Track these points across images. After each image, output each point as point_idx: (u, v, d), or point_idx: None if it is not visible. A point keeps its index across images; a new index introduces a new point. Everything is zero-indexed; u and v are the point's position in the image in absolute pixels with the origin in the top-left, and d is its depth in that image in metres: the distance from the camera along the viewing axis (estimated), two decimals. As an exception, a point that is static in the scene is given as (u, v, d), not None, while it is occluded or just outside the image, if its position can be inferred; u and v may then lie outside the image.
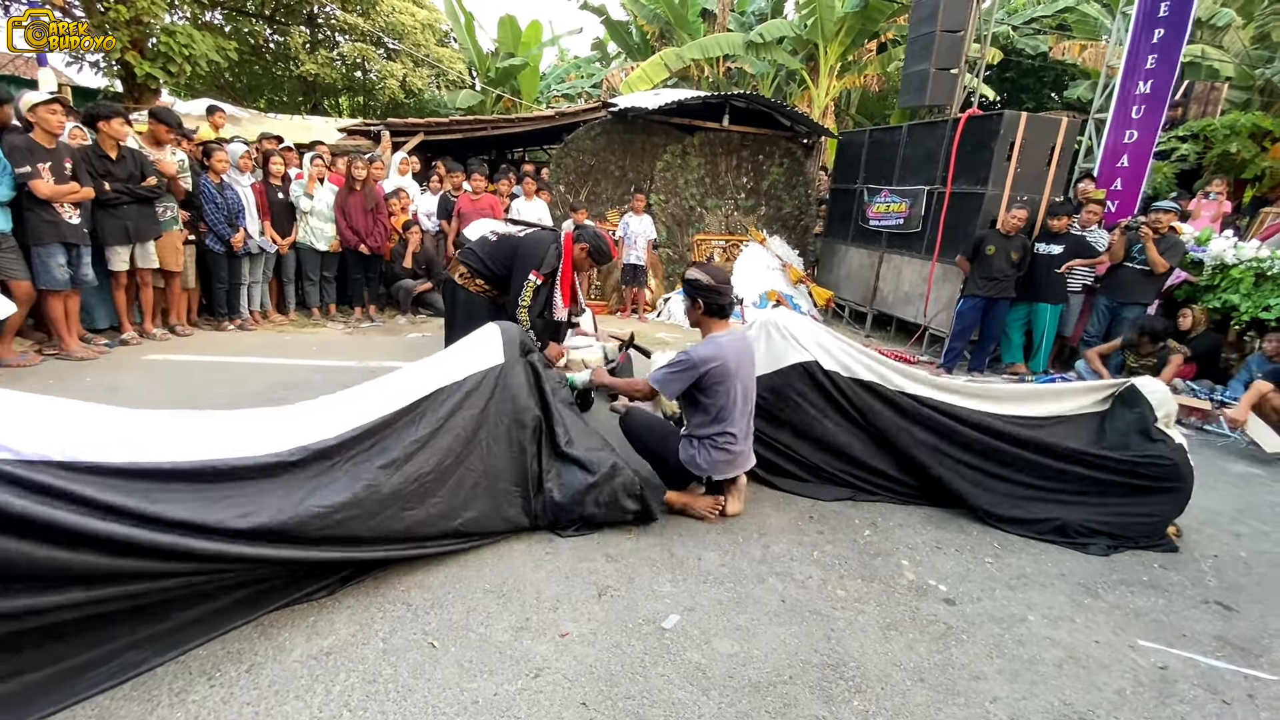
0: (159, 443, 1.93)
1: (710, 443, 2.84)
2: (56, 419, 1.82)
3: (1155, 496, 3.01)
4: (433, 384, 2.59)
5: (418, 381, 2.59)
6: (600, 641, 2.11)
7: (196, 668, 1.87)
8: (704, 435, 2.85)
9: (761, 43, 12.17)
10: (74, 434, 1.79)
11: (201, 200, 5.26)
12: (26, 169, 4.12)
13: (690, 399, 2.88)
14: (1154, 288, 5.74)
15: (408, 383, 2.59)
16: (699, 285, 2.84)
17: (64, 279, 4.40)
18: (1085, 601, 2.56)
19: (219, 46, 10.89)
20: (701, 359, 2.75)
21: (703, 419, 2.86)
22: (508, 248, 3.50)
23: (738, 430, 2.84)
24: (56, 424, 1.80)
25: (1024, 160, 6.09)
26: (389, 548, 2.29)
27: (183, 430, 2.05)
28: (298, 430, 2.22)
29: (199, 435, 2.05)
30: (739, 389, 2.82)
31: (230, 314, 5.83)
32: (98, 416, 1.96)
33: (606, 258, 3.58)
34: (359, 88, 16.01)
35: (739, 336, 2.90)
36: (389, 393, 2.52)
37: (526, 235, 3.52)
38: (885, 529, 3.03)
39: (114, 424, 1.95)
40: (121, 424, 1.96)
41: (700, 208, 8.64)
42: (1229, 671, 2.21)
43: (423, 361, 2.81)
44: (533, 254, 3.39)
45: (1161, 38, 6.92)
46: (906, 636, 2.26)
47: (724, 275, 2.89)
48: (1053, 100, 15.63)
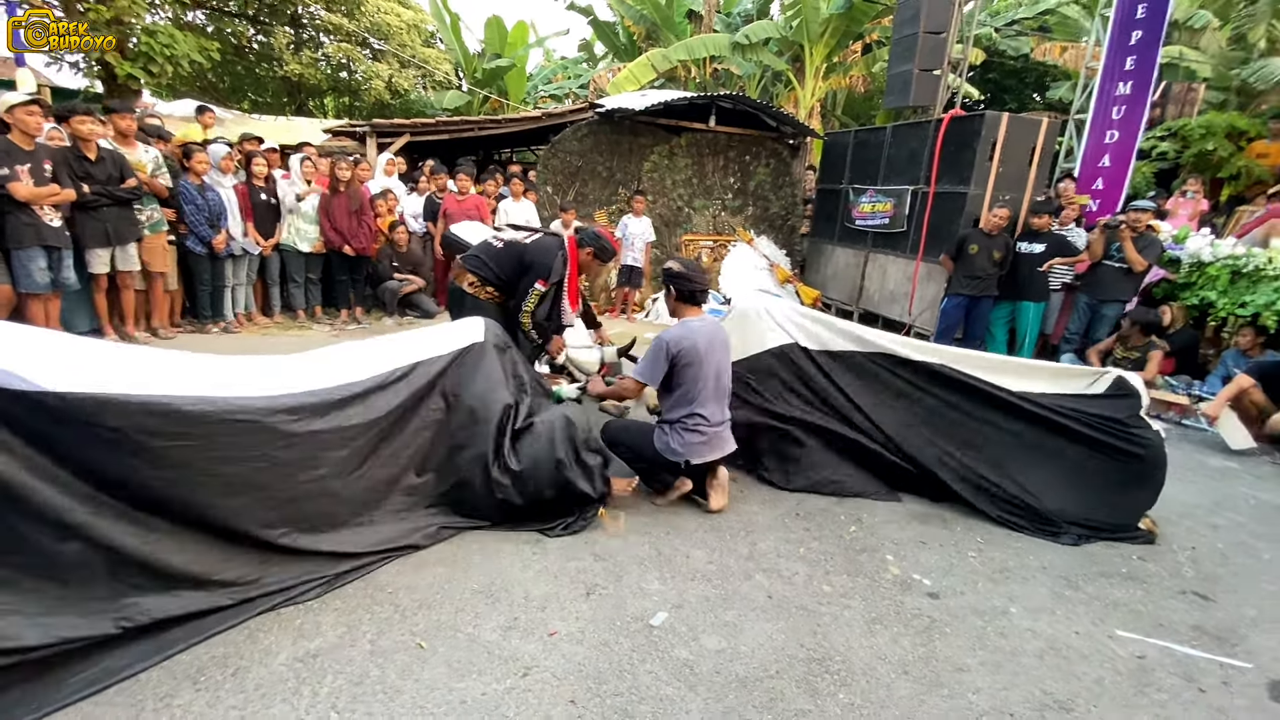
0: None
1: (681, 425, 2.90)
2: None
3: (1130, 482, 3.06)
4: (412, 357, 2.65)
5: (398, 351, 2.65)
6: (588, 640, 2.12)
7: (181, 672, 1.86)
8: (675, 419, 2.92)
9: (747, 44, 12.22)
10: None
11: (181, 202, 5.20)
12: (4, 171, 4.07)
13: (664, 384, 2.97)
14: (1133, 285, 5.83)
15: (389, 351, 2.65)
16: (672, 273, 3.01)
17: (45, 282, 4.35)
18: (1065, 593, 2.61)
19: (201, 47, 10.75)
20: (672, 339, 2.87)
21: (673, 401, 2.94)
22: (514, 254, 3.52)
23: (708, 412, 2.92)
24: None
25: (1006, 160, 6.17)
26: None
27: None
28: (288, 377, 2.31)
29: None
30: (710, 371, 2.91)
31: (214, 316, 5.77)
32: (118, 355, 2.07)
33: (611, 254, 3.64)
34: (344, 88, 15.88)
35: (710, 322, 3.03)
36: (368, 357, 2.58)
37: (532, 243, 3.53)
38: (870, 525, 3.06)
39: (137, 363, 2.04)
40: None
41: (688, 208, 8.67)
42: (1205, 660, 2.25)
43: (402, 334, 2.87)
44: (541, 263, 3.44)
45: (1139, 39, 7.03)
46: (891, 630, 2.29)
47: (697, 266, 3.07)
48: (1035, 101, 15.81)
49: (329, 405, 2.30)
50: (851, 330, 3.48)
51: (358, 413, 2.38)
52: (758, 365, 3.41)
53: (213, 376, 2.11)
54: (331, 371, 2.40)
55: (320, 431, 2.25)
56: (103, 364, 1.92)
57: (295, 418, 2.18)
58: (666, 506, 3.07)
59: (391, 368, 2.55)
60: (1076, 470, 3.13)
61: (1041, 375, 3.34)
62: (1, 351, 1.76)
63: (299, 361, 2.44)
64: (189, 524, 2.02)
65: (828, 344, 3.43)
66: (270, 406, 2.13)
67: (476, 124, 8.31)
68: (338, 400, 2.33)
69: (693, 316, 3.01)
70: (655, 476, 3.08)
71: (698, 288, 3.00)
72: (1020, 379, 3.30)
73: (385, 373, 2.52)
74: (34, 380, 1.76)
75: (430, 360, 2.68)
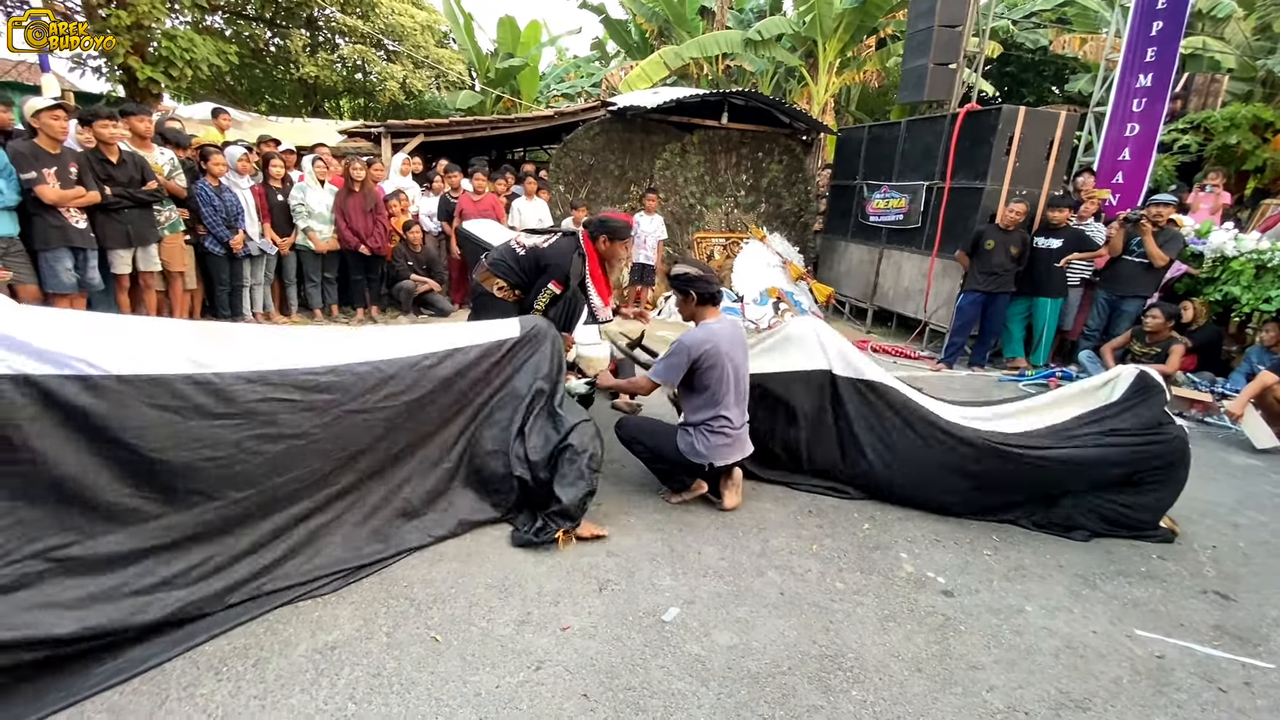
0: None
1: (707, 428, 2.89)
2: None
3: (1154, 481, 3.00)
4: (452, 342, 2.73)
5: (440, 337, 2.75)
6: (601, 634, 2.14)
7: (204, 663, 1.91)
8: (699, 421, 2.90)
9: (760, 40, 12.15)
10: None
11: (198, 203, 5.29)
12: (32, 174, 4.16)
13: (686, 385, 2.95)
14: (1153, 281, 5.74)
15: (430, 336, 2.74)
16: (689, 278, 2.96)
17: (71, 283, 4.45)
18: (1083, 592, 2.58)
19: (220, 50, 10.92)
20: (695, 343, 2.84)
21: (697, 404, 2.92)
22: (534, 259, 3.56)
23: (732, 414, 2.91)
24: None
25: (1023, 155, 6.09)
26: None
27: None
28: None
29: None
30: (730, 371, 2.89)
31: (233, 315, 5.86)
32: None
33: (625, 231, 3.59)
34: (359, 90, 16.02)
35: (729, 323, 3.01)
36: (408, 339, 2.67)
37: (548, 246, 3.56)
38: (884, 523, 3.05)
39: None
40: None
41: (700, 205, 8.65)
42: (1226, 660, 2.22)
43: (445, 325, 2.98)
44: (557, 265, 3.47)
45: (1160, 30, 6.90)
46: (904, 628, 2.28)
47: (707, 266, 3.06)
48: (1053, 94, 15.58)
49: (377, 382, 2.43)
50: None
51: (400, 389, 2.49)
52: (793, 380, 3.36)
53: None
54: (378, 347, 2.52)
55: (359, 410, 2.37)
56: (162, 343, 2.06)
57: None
58: (674, 505, 3.07)
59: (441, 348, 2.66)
60: (1108, 486, 3.04)
61: (1063, 405, 3.28)
62: (64, 337, 1.85)
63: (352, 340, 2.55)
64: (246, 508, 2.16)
65: (864, 373, 3.35)
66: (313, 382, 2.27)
67: (490, 124, 8.35)
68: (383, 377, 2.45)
69: (712, 319, 2.98)
70: (673, 477, 3.08)
71: (715, 289, 2.98)
72: (1044, 415, 3.25)
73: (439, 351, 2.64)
74: (98, 364, 1.86)
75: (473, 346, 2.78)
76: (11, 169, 4.13)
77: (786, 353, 3.41)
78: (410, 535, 2.53)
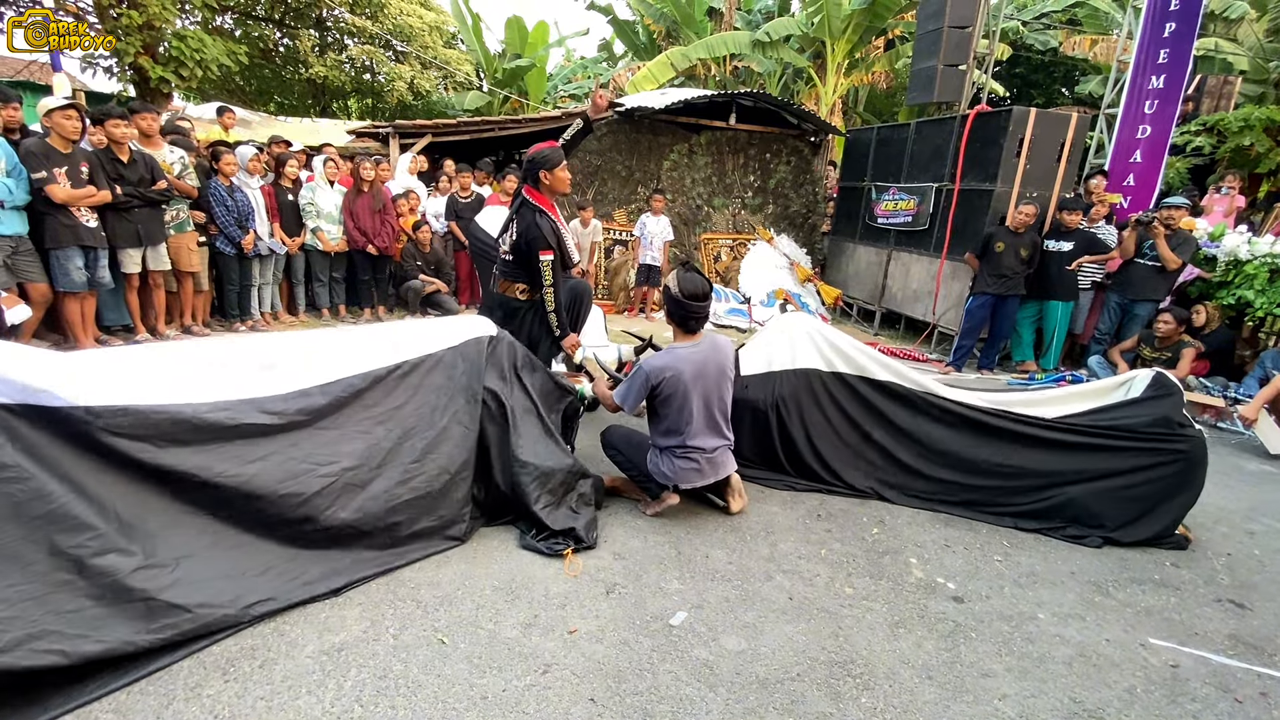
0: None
1: (671, 453, 2.84)
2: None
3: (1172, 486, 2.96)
4: (414, 351, 2.68)
5: (403, 343, 2.70)
6: (608, 638, 2.13)
7: (211, 663, 1.90)
8: (664, 446, 2.86)
9: (768, 41, 12.12)
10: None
11: (211, 203, 5.31)
12: (42, 174, 4.19)
13: (651, 409, 2.89)
14: (1166, 284, 5.68)
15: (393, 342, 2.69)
16: (667, 292, 2.84)
17: (82, 281, 4.47)
18: (1096, 599, 2.55)
19: (229, 50, 10.98)
20: (653, 369, 2.75)
21: (662, 428, 2.86)
22: (520, 249, 3.55)
23: (699, 441, 2.81)
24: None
25: (1033, 156, 6.05)
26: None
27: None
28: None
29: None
30: (697, 400, 2.77)
31: (242, 315, 5.88)
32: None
33: (558, 155, 3.50)
34: (367, 90, 16.10)
35: (707, 346, 2.84)
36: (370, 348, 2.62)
37: (519, 230, 3.53)
38: (893, 527, 3.02)
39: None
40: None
41: (707, 207, 8.64)
42: (1242, 670, 2.19)
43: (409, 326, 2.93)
44: (536, 238, 3.42)
45: (1173, 31, 6.84)
46: (915, 634, 2.26)
47: (695, 287, 2.76)
48: (1063, 96, 15.48)
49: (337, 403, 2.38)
50: (893, 366, 3.43)
51: (370, 402, 2.47)
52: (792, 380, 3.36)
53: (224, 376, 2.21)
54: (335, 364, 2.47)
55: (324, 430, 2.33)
56: (128, 373, 2.02)
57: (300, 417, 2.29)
58: (683, 508, 3.05)
59: (397, 360, 2.61)
60: (1124, 485, 3.00)
61: (1075, 399, 3.27)
62: (36, 372, 1.83)
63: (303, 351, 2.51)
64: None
65: (867, 371, 3.38)
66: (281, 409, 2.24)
67: (497, 124, 8.36)
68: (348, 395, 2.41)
69: (682, 343, 2.84)
70: (645, 485, 3.02)
71: (688, 314, 2.79)
72: (1056, 406, 3.24)
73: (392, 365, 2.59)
74: (65, 396, 1.84)
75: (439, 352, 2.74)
76: (22, 168, 4.16)
77: (777, 351, 3.40)
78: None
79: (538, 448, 2.73)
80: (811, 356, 3.37)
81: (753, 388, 3.30)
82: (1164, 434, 2.94)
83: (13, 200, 4.11)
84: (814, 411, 3.33)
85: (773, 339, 3.50)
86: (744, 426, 3.30)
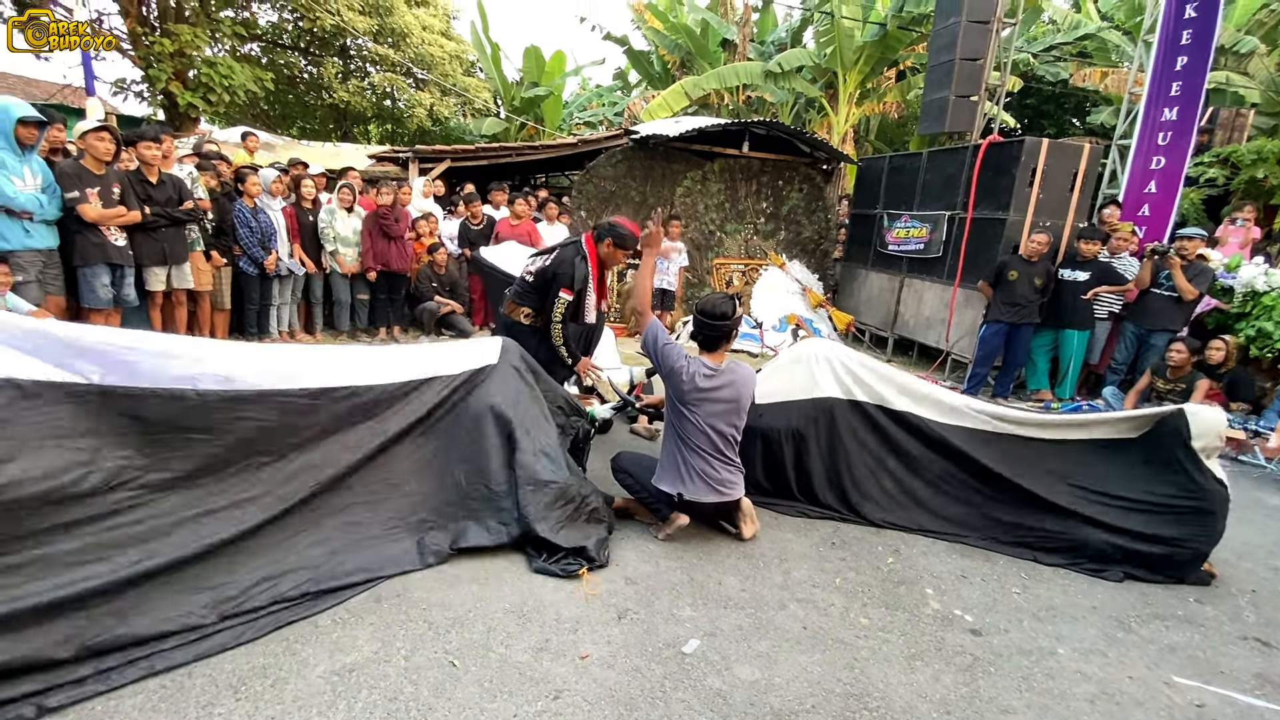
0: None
1: (677, 466, 2.85)
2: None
3: (1185, 528, 2.92)
4: (428, 370, 2.79)
5: (415, 364, 2.81)
6: (620, 665, 2.10)
7: (223, 681, 1.90)
8: (667, 459, 2.89)
9: (780, 72, 12.31)
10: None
11: (235, 224, 5.43)
12: (74, 194, 4.31)
13: (666, 420, 2.94)
14: (1183, 314, 5.63)
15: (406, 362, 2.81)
16: (695, 311, 2.92)
17: (108, 298, 4.57)
18: (1117, 635, 2.49)
19: (256, 77, 11.34)
20: (674, 355, 2.82)
21: (668, 440, 2.91)
22: (543, 276, 3.63)
23: (700, 459, 2.81)
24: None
25: (1046, 186, 6.07)
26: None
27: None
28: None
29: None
30: (698, 418, 2.79)
31: (260, 333, 5.97)
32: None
33: (633, 241, 3.62)
34: (388, 116, 16.51)
35: (723, 374, 2.84)
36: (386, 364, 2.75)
37: (554, 258, 3.62)
38: (908, 557, 2.98)
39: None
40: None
41: (720, 232, 8.71)
42: (1269, 711, 2.13)
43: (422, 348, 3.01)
44: (563, 273, 3.54)
45: (1185, 65, 6.89)
46: (932, 667, 2.22)
47: (713, 307, 2.83)
48: (1074, 126, 15.57)
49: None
50: (911, 387, 3.41)
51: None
52: (804, 411, 3.35)
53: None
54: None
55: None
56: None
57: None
58: (694, 533, 3.03)
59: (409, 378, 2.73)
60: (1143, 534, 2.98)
61: (1099, 427, 3.25)
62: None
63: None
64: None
65: (885, 400, 3.37)
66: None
67: (514, 150, 8.53)
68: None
69: (705, 357, 2.87)
70: (654, 508, 3.01)
71: (711, 332, 2.83)
72: (1080, 431, 3.24)
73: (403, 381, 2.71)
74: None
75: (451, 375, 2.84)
76: (56, 187, 4.29)
77: (793, 379, 3.40)
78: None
79: (541, 464, 2.74)
80: (829, 384, 3.36)
81: (767, 415, 3.29)
82: (1183, 494, 2.92)
83: (43, 214, 4.22)
84: (833, 443, 3.31)
85: (789, 366, 3.49)
86: (757, 455, 3.29)
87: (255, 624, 2.11)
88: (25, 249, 4.14)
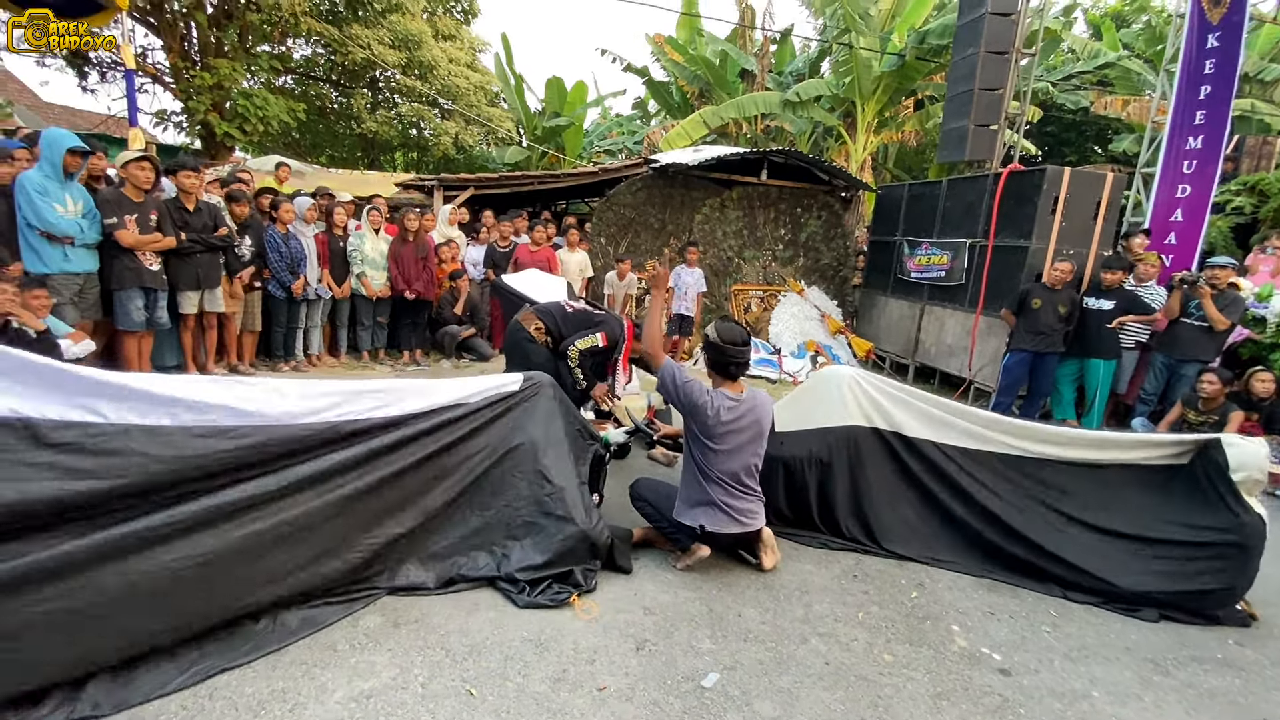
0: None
1: (697, 502, 2.83)
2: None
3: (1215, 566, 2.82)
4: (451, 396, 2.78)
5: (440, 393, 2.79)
6: (638, 698, 2.07)
7: (243, 704, 1.91)
8: (691, 499, 2.85)
9: (799, 101, 12.46)
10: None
11: (267, 249, 5.59)
12: (113, 220, 4.47)
13: (688, 452, 2.90)
14: (1215, 345, 5.51)
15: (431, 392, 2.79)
16: (707, 340, 2.89)
17: (141, 321, 4.70)
18: (1154, 679, 2.40)
19: (290, 108, 11.75)
20: (695, 391, 2.77)
21: (688, 478, 2.89)
22: (583, 319, 3.95)
23: (723, 490, 2.79)
24: None
25: (1069, 214, 6.03)
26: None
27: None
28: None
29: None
30: (723, 450, 2.77)
31: (286, 356, 6.09)
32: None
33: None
34: (414, 144, 16.95)
35: (744, 403, 2.83)
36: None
37: (603, 313, 4.02)
38: (934, 591, 2.91)
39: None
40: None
41: (738, 259, 8.75)
42: (1321, 765, 2.02)
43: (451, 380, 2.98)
44: (611, 327, 3.88)
45: (1209, 94, 6.86)
46: (959, 708, 2.15)
47: (734, 335, 2.82)
48: (1096, 153, 15.49)
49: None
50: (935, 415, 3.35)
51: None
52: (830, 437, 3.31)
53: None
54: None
55: None
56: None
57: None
58: (714, 564, 2.99)
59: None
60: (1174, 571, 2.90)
61: (1132, 448, 3.20)
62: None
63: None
64: None
65: (902, 428, 3.33)
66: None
67: (536, 178, 8.69)
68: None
69: (725, 389, 2.86)
70: (674, 538, 2.97)
71: (729, 360, 2.82)
72: (1111, 451, 3.18)
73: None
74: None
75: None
76: (96, 213, 4.45)
77: (816, 406, 3.37)
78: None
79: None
80: (852, 412, 3.33)
81: (789, 443, 3.26)
82: (1221, 528, 2.82)
83: (84, 239, 4.37)
84: (855, 472, 3.27)
85: (812, 393, 3.47)
86: (779, 483, 3.25)
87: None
88: (63, 272, 4.29)
